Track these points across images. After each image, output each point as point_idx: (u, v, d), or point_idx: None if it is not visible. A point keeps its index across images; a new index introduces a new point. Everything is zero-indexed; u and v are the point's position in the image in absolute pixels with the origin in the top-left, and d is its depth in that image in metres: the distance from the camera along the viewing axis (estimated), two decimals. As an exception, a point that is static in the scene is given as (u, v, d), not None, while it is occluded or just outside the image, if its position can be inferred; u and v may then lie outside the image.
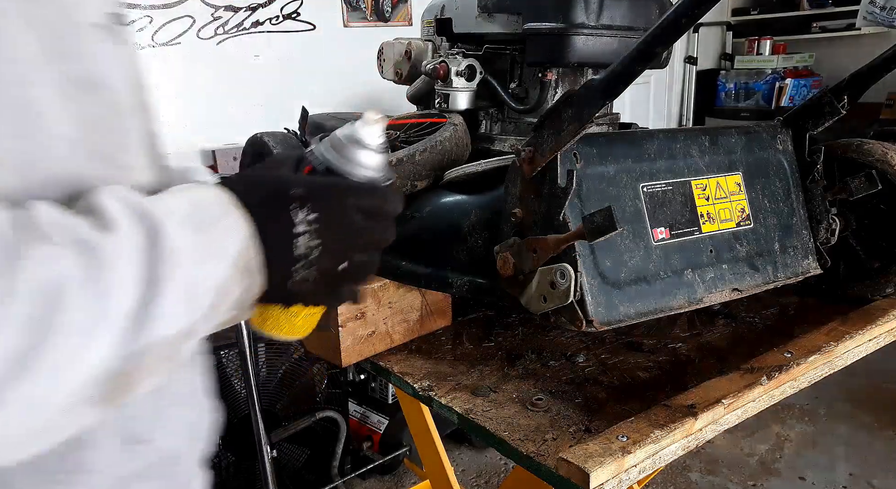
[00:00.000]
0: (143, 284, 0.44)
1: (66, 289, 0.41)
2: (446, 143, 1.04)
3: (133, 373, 0.45)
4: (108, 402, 0.45)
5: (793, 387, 0.89)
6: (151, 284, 0.44)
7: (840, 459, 2.55)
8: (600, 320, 0.79)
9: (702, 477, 2.47)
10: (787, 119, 1.06)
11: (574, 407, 0.83)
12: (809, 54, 4.23)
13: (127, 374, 0.44)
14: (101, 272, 0.42)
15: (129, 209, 0.46)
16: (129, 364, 0.44)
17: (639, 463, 0.71)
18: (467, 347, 1.00)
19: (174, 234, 0.46)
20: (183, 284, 0.46)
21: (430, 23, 1.33)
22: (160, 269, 0.44)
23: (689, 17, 0.66)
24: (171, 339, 0.46)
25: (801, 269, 1.00)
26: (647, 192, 0.86)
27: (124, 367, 0.44)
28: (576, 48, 1.08)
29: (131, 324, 0.43)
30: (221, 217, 0.49)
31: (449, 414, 0.84)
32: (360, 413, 2.46)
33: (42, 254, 0.40)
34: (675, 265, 0.87)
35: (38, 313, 0.40)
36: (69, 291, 0.41)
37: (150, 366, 0.46)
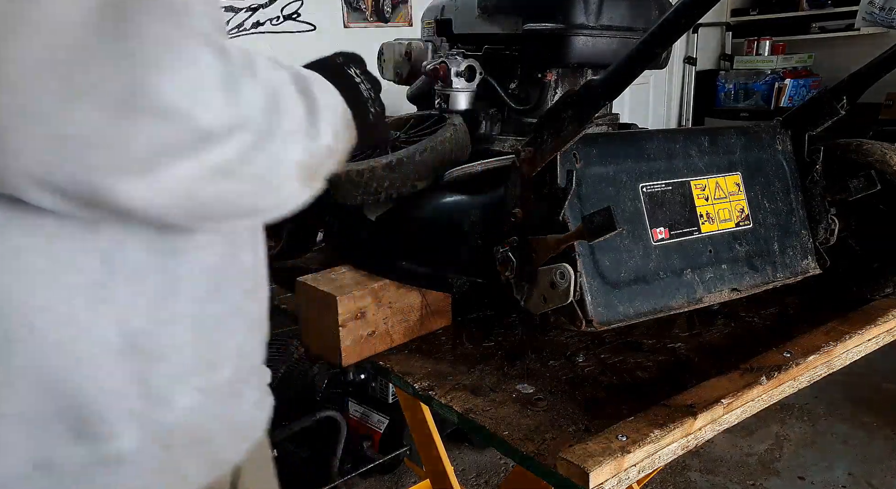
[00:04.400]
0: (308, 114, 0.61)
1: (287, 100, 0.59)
2: (446, 144, 1.04)
3: (317, 167, 0.63)
4: (304, 182, 0.62)
5: (792, 387, 0.89)
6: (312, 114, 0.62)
7: (839, 459, 2.55)
8: (600, 320, 0.79)
9: (701, 476, 2.47)
10: (786, 119, 1.06)
11: (574, 406, 0.83)
12: (809, 55, 4.23)
13: (314, 167, 0.62)
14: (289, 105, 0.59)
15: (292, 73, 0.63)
16: (311, 157, 0.61)
17: (638, 462, 0.71)
18: (467, 347, 1.00)
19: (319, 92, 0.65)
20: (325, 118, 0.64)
21: (430, 23, 1.33)
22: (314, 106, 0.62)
23: (689, 17, 0.67)
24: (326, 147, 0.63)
25: (800, 269, 1.01)
26: (647, 192, 0.87)
27: (309, 160, 0.61)
28: (575, 49, 1.08)
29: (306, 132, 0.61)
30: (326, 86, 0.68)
31: (449, 413, 0.84)
32: (361, 412, 2.46)
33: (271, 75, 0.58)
34: (675, 265, 0.88)
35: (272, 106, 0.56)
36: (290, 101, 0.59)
37: (321, 163, 0.63)
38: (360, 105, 0.73)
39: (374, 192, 1.01)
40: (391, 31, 2.92)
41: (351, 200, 1.03)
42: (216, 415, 0.67)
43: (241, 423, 0.71)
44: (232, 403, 0.69)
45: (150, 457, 0.61)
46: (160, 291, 0.60)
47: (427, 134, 1.08)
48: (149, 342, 0.59)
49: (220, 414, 0.67)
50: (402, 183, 1.01)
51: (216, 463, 0.69)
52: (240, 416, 0.71)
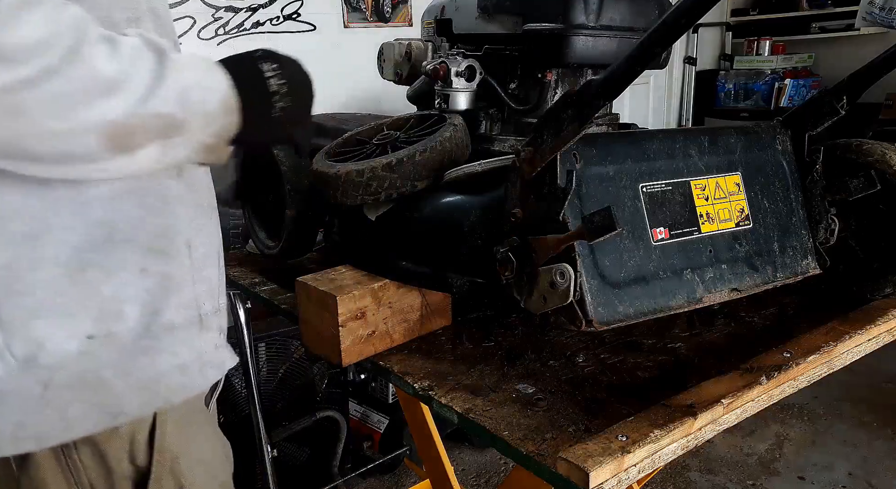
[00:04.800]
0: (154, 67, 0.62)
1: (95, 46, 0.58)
2: (446, 144, 1.04)
3: (135, 129, 0.61)
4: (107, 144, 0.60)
5: (792, 387, 0.89)
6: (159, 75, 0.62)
7: (839, 459, 2.55)
8: (600, 320, 0.79)
9: (701, 476, 2.47)
10: (786, 119, 1.06)
11: (574, 406, 0.83)
12: (809, 55, 4.22)
13: (131, 130, 0.61)
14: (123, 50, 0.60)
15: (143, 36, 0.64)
16: (135, 120, 0.61)
17: (638, 462, 0.71)
18: (467, 347, 1.00)
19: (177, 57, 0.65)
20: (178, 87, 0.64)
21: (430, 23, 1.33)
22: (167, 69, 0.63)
23: (689, 17, 0.66)
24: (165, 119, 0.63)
25: (800, 269, 1.01)
26: (647, 192, 0.87)
27: (128, 121, 0.60)
28: (575, 49, 1.08)
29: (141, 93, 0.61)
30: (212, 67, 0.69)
31: (449, 413, 0.84)
32: (361, 412, 2.46)
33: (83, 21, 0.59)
34: (675, 265, 0.88)
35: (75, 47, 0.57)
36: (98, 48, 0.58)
37: (147, 132, 0.62)
38: (259, 97, 0.72)
39: (374, 192, 1.01)
40: (391, 31, 2.92)
41: (351, 200, 1.03)
42: (112, 366, 0.70)
43: (149, 380, 0.73)
44: (138, 359, 0.71)
45: (26, 390, 0.66)
46: (28, 233, 0.64)
47: (427, 134, 1.08)
48: (9, 277, 0.64)
49: (117, 365, 0.70)
50: (402, 183, 1.01)
51: (110, 413, 0.71)
52: (148, 373, 0.72)
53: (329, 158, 1.11)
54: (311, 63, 0.80)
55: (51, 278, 0.66)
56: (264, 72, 0.73)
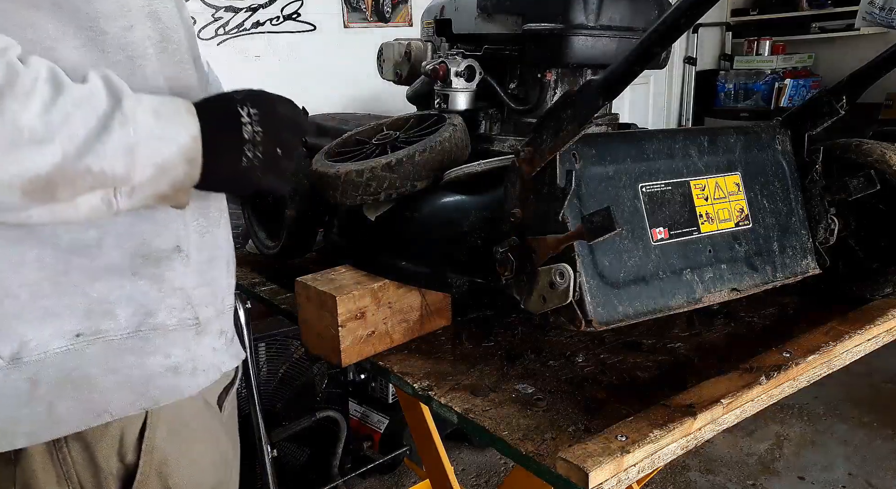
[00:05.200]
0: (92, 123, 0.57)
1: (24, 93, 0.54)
2: (446, 144, 1.04)
3: (61, 184, 0.57)
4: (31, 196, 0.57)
5: (792, 387, 0.89)
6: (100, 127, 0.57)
7: (839, 459, 2.55)
8: (599, 320, 0.79)
9: (701, 476, 2.47)
10: (786, 119, 1.06)
11: (573, 406, 0.83)
12: (809, 55, 4.23)
13: (55, 183, 0.57)
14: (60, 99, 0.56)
15: (105, 80, 0.60)
16: (59, 175, 0.56)
17: (638, 462, 0.71)
18: (467, 347, 1.00)
19: (134, 108, 0.60)
20: (125, 142, 0.59)
21: (429, 23, 1.33)
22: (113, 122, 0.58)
23: (688, 17, 0.66)
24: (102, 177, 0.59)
25: (799, 269, 1.01)
26: (646, 192, 0.87)
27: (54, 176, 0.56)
28: (575, 49, 1.08)
29: (71, 145, 0.56)
30: (177, 114, 0.64)
31: (448, 413, 0.84)
32: (361, 412, 2.46)
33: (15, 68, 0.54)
34: (674, 265, 0.88)
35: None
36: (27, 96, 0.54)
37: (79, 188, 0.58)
38: (229, 146, 0.67)
39: (374, 193, 1.01)
40: (391, 31, 2.92)
41: (351, 200, 1.03)
42: (99, 364, 0.69)
43: (137, 380, 0.72)
44: (125, 358, 0.71)
45: (14, 386, 0.66)
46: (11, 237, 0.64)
47: (427, 134, 1.08)
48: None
49: (104, 363, 0.70)
50: (401, 183, 1.01)
51: (95, 411, 0.70)
52: (136, 373, 0.72)
53: (329, 158, 1.11)
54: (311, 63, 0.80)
55: (34, 281, 0.66)
56: (241, 117, 0.68)
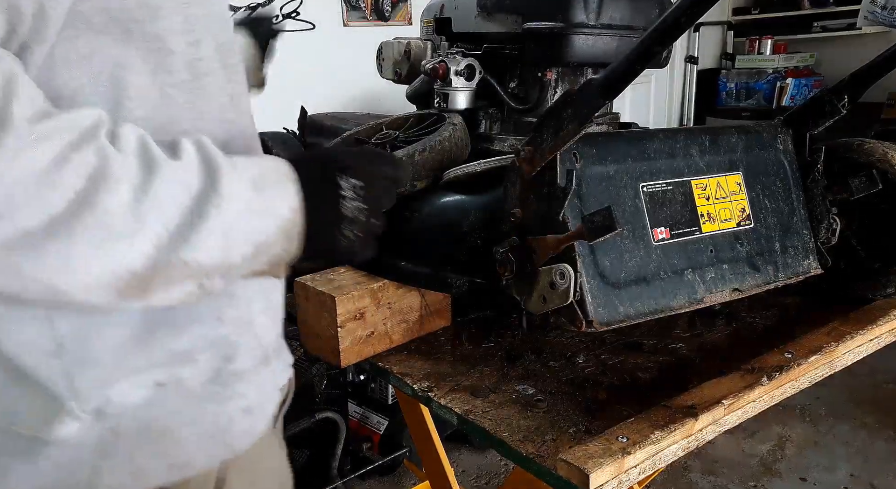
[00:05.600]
0: (186, 211, 0.51)
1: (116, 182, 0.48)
2: (446, 143, 1.04)
3: (155, 279, 0.51)
4: (124, 295, 0.51)
5: (793, 388, 0.89)
6: (194, 214, 0.51)
7: (841, 460, 2.54)
8: (600, 321, 0.79)
9: (702, 477, 2.47)
10: (787, 119, 1.05)
11: (574, 407, 0.83)
12: (810, 54, 4.22)
13: (149, 278, 0.51)
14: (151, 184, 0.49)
15: (200, 151, 0.54)
16: (154, 271, 0.50)
17: (639, 464, 0.71)
18: (467, 348, 0.99)
19: (230, 183, 0.53)
20: (224, 226, 0.53)
21: (429, 22, 1.33)
22: (208, 207, 0.51)
23: (689, 16, 0.66)
24: (199, 268, 0.52)
25: (801, 269, 1.00)
26: (647, 191, 0.86)
27: (149, 272, 0.50)
28: (575, 48, 1.08)
29: (164, 238, 0.50)
30: (277, 184, 0.57)
31: (448, 414, 0.84)
32: (360, 413, 2.46)
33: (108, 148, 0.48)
34: (676, 265, 0.87)
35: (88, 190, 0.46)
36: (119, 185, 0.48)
37: (173, 280, 0.52)
38: (328, 222, 0.60)
39: (373, 192, 1.01)
40: (390, 30, 2.91)
41: (350, 200, 1.03)
42: (178, 413, 0.64)
43: (217, 429, 0.67)
44: (205, 407, 0.66)
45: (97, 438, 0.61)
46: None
47: (426, 133, 1.08)
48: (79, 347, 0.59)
49: (184, 413, 0.65)
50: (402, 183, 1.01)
51: (178, 465, 0.66)
52: (216, 421, 0.67)
53: (328, 158, 1.10)
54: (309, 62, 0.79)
55: (119, 342, 0.61)
56: (341, 189, 0.60)
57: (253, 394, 0.70)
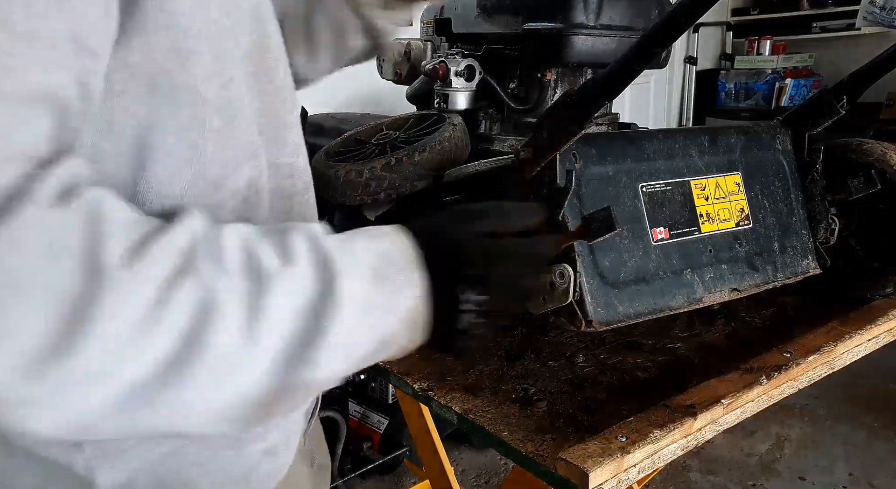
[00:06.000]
0: (303, 326, 0.45)
1: (223, 311, 0.42)
2: (445, 143, 1.04)
3: (276, 402, 0.46)
4: (242, 424, 0.46)
5: (792, 387, 0.89)
6: (311, 330, 0.45)
7: (840, 459, 2.55)
8: (600, 320, 0.79)
9: (701, 477, 2.47)
10: (786, 119, 1.06)
11: (573, 407, 0.83)
12: (809, 54, 4.22)
13: (270, 403, 0.46)
14: (263, 304, 0.44)
15: (313, 252, 0.48)
16: (274, 395, 0.45)
17: (638, 463, 0.71)
18: (467, 347, 0.99)
19: (350, 283, 0.47)
20: (346, 336, 0.47)
21: (429, 23, 1.33)
22: (326, 319, 0.46)
23: (688, 16, 0.66)
24: (323, 383, 0.48)
25: (800, 269, 1.00)
26: (647, 191, 0.86)
27: (269, 397, 0.45)
28: (575, 48, 1.08)
29: (282, 363, 0.45)
30: (401, 272, 0.51)
31: (448, 414, 0.84)
32: (360, 413, 2.46)
33: (209, 272, 0.43)
34: (675, 265, 0.87)
35: (194, 328, 0.42)
36: (227, 314, 0.43)
37: (292, 401, 0.48)
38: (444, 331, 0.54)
39: (374, 192, 1.01)
40: (391, 31, 2.91)
41: (350, 200, 1.03)
42: (196, 465, 0.60)
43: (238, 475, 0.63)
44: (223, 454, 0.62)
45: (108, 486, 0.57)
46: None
47: (426, 134, 1.08)
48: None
49: (202, 464, 0.61)
50: (401, 183, 1.01)
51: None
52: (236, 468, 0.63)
53: (328, 158, 1.11)
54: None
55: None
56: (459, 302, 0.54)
57: (275, 434, 0.66)
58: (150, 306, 0.41)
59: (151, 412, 0.42)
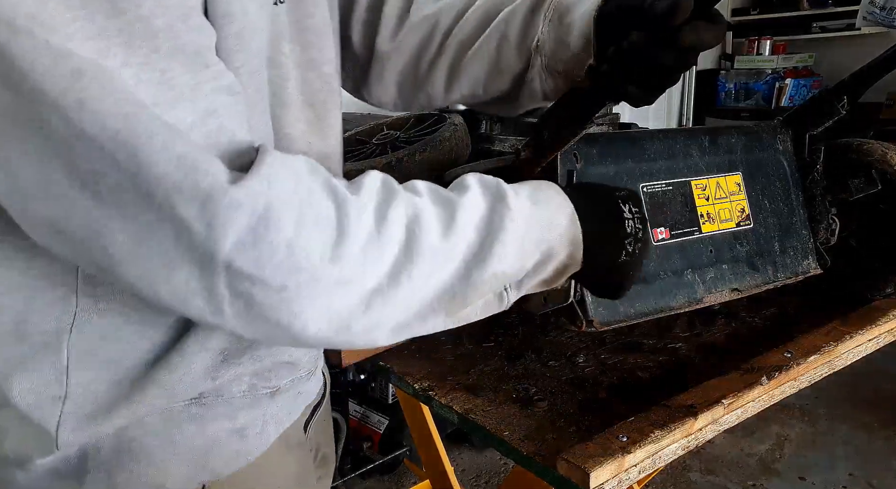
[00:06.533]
0: (484, 230, 0.57)
1: (426, 223, 0.55)
2: (446, 143, 1.04)
3: (469, 294, 0.57)
4: (448, 315, 0.58)
5: (793, 387, 0.89)
6: (492, 231, 0.57)
7: (840, 459, 2.55)
8: (600, 320, 0.79)
9: (702, 476, 2.47)
10: (787, 119, 1.06)
11: (574, 407, 0.83)
12: (809, 54, 4.22)
13: (464, 295, 0.57)
14: (454, 217, 0.56)
15: (482, 181, 0.61)
16: (467, 288, 0.57)
17: (639, 463, 0.71)
18: (467, 347, 1.00)
19: (514, 201, 0.59)
20: (516, 237, 0.58)
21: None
22: (498, 223, 0.58)
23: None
24: (501, 276, 0.59)
25: (801, 270, 1.00)
26: (647, 192, 0.86)
27: (463, 290, 0.57)
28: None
29: (472, 258, 0.57)
30: (551, 199, 0.63)
31: (448, 414, 0.84)
32: (360, 413, 2.46)
33: (413, 201, 0.56)
34: (675, 265, 0.87)
35: (408, 239, 0.53)
36: (428, 224, 0.55)
37: (482, 293, 0.59)
38: (611, 237, 0.65)
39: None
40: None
41: (351, 200, 1.03)
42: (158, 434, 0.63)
43: (198, 450, 0.65)
44: (185, 428, 0.64)
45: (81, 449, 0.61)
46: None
47: (427, 133, 1.08)
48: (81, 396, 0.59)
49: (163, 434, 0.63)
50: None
51: (152, 486, 0.64)
52: (197, 441, 0.65)
53: (329, 158, 1.11)
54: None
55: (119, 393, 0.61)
56: (624, 212, 0.66)
57: (244, 415, 0.67)
58: (377, 222, 0.52)
59: (388, 309, 0.53)
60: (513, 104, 0.83)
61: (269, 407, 0.70)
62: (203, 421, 0.65)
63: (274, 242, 0.47)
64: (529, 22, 0.75)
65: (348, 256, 0.50)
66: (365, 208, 0.52)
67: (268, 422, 0.70)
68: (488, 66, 0.79)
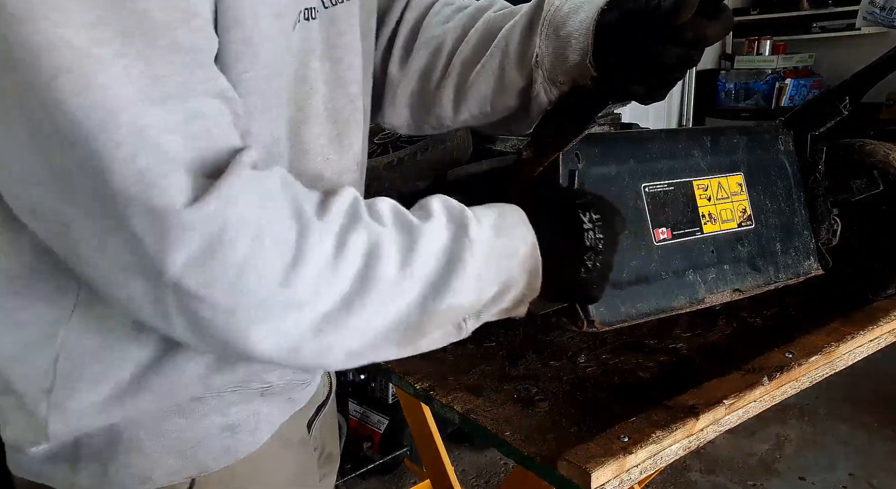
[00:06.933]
0: (444, 261, 0.57)
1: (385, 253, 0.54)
2: (448, 143, 1.04)
3: (425, 325, 0.58)
4: (403, 345, 0.58)
5: (794, 388, 0.89)
6: (451, 263, 0.57)
7: (840, 459, 2.55)
8: (602, 321, 0.79)
9: (702, 476, 2.47)
10: (788, 119, 1.05)
11: (575, 407, 0.83)
12: (809, 54, 4.22)
13: (419, 326, 0.58)
14: (414, 247, 0.56)
15: (446, 209, 0.60)
16: (423, 319, 0.57)
17: (640, 463, 0.71)
18: (468, 347, 0.99)
19: (476, 232, 0.59)
20: (474, 270, 0.58)
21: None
22: (458, 255, 0.58)
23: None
24: (458, 309, 0.59)
25: (802, 270, 1.00)
26: (649, 192, 0.86)
27: (418, 321, 0.57)
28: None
29: (429, 290, 0.57)
30: (515, 226, 0.63)
31: (449, 414, 0.84)
32: (361, 413, 2.46)
33: (375, 229, 0.55)
34: (677, 265, 0.87)
35: (364, 268, 0.53)
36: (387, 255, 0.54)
37: (439, 324, 0.59)
38: (569, 255, 0.64)
39: (375, 192, 1.01)
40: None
41: (352, 200, 1.03)
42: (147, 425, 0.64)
43: (187, 442, 0.65)
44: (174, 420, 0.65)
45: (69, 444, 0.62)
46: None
47: (428, 133, 1.08)
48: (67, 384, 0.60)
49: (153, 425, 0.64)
50: (402, 183, 1.01)
51: (140, 477, 0.64)
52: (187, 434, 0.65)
53: (330, 158, 1.11)
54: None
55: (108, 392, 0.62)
56: (583, 223, 0.65)
57: (236, 411, 0.68)
58: (334, 249, 0.52)
59: (339, 335, 0.54)
60: (523, 121, 0.82)
61: (261, 405, 0.70)
62: (194, 414, 0.65)
63: (225, 263, 0.48)
64: (527, 37, 0.75)
65: (302, 280, 0.50)
66: (327, 232, 0.53)
67: (260, 420, 0.70)
68: (493, 84, 0.79)
